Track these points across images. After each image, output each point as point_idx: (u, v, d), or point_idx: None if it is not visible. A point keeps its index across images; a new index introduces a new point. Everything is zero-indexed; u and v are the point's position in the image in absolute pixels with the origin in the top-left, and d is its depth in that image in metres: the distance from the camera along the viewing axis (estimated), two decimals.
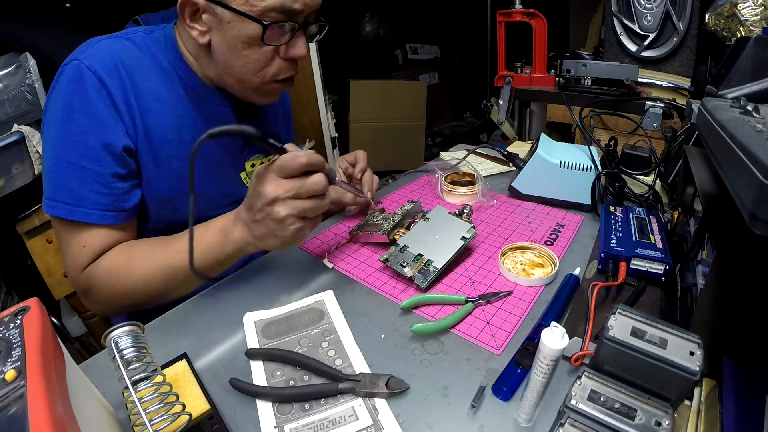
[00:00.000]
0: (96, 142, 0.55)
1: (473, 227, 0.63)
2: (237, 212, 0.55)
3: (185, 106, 0.63)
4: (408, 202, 0.72)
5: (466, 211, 0.69)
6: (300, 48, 0.59)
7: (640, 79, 0.98)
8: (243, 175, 0.74)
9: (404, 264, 0.59)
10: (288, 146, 0.51)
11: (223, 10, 0.53)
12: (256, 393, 0.44)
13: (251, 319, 0.54)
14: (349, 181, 0.78)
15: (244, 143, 0.73)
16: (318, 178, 0.50)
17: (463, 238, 0.62)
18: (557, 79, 1.12)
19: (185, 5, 0.55)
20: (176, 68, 0.62)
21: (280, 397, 0.43)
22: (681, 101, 0.93)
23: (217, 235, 0.56)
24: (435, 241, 0.62)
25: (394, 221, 0.66)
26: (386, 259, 0.60)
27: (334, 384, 0.43)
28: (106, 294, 0.58)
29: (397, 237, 0.65)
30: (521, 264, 0.61)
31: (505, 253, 0.63)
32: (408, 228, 0.66)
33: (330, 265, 0.65)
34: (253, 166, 0.75)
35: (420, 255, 0.60)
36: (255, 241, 0.53)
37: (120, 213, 0.58)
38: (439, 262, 0.59)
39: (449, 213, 0.67)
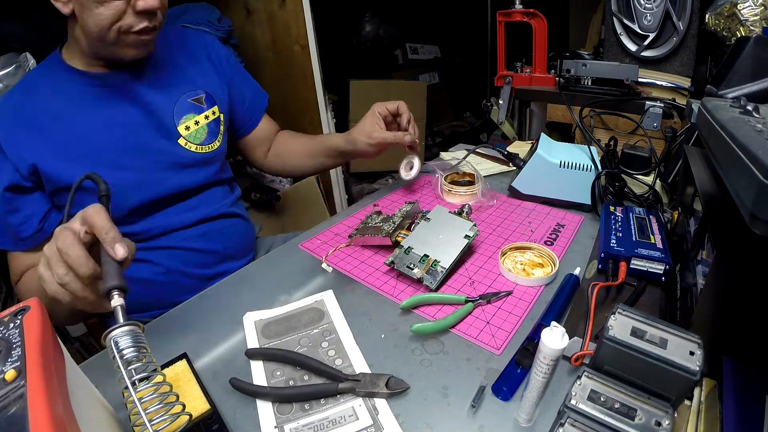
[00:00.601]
0: None
1: (475, 225, 0.63)
2: None
3: (86, 107, 0.66)
4: (406, 203, 0.72)
5: (465, 209, 0.69)
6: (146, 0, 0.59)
7: (640, 79, 0.97)
8: (182, 141, 0.73)
9: (411, 266, 0.59)
10: (93, 209, 0.42)
11: None
12: (256, 393, 0.44)
13: (251, 319, 0.54)
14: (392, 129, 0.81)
15: (171, 112, 0.72)
16: (76, 252, 0.41)
17: (467, 236, 0.62)
18: (557, 79, 1.12)
19: None
20: (66, 77, 0.66)
21: (280, 397, 0.43)
22: (681, 101, 0.93)
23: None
24: (439, 240, 0.62)
25: (394, 223, 0.66)
26: (392, 262, 0.60)
27: (334, 384, 0.43)
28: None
29: (399, 239, 0.64)
30: (521, 264, 0.61)
31: (505, 253, 0.63)
32: (409, 229, 0.66)
33: (329, 269, 0.64)
34: (187, 128, 0.74)
35: (426, 255, 0.60)
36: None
37: (23, 241, 0.65)
38: (446, 262, 0.59)
39: (449, 212, 0.67)
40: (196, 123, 0.75)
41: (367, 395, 0.43)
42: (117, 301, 0.38)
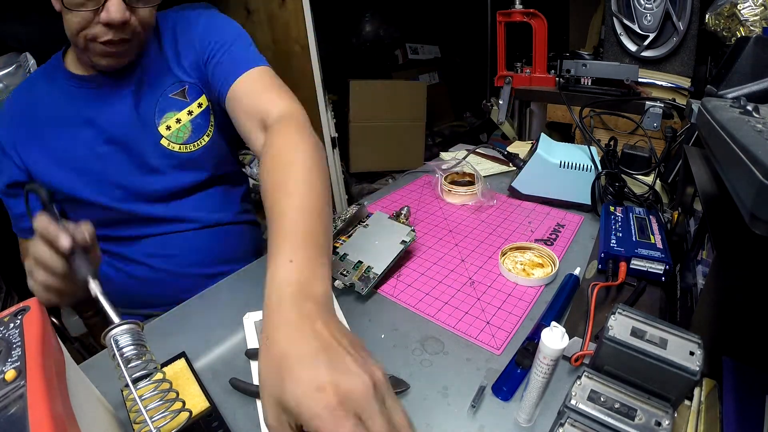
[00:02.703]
0: None
1: (413, 230, 0.63)
2: None
3: (77, 109, 0.66)
4: (354, 205, 0.70)
5: (404, 212, 0.69)
6: (111, 12, 0.56)
7: (640, 79, 0.97)
8: (164, 141, 0.69)
9: (345, 273, 0.59)
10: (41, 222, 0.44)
11: None
12: (256, 393, 0.44)
13: (251, 319, 0.54)
14: None
15: (153, 111, 0.68)
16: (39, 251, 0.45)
17: (403, 242, 0.62)
18: (557, 79, 1.12)
19: None
20: (63, 78, 0.67)
21: None
22: (681, 101, 0.93)
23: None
24: (375, 246, 0.62)
25: (335, 228, 0.66)
26: None
27: None
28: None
29: (337, 245, 0.64)
30: (521, 264, 0.61)
31: (505, 253, 0.63)
32: (349, 235, 0.66)
33: None
34: (168, 128, 0.69)
35: (360, 262, 0.60)
36: None
37: (26, 231, 0.72)
38: (379, 268, 0.59)
39: (388, 217, 0.67)
40: (178, 121, 0.69)
41: None
42: (94, 286, 0.41)
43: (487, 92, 1.32)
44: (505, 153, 0.93)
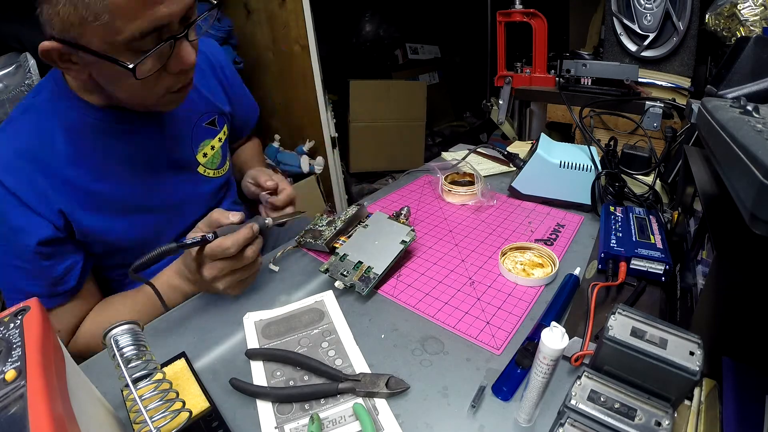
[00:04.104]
0: (14, 245, 0.55)
1: (412, 230, 0.63)
2: (181, 271, 0.58)
3: (105, 146, 0.60)
4: (353, 205, 0.71)
5: (404, 212, 0.69)
6: (185, 57, 0.52)
7: (640, 79, 0.97)
8: (201, 169, 0.72)
9: (345, 273, 0.59)
10: (214, 214, 0.55)
11: (84, 53, 0.47)
12: (256, 393, 0.44)
13: (251, 319, 0.54)
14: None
15: (185, 140, 0.69)
16: (249, 254, 0.54)
17: (403, 242, 0.61)
18: (557, 79, 1.12)
19: (49, 54, 0.48)
20: (79, 115, 0.58)
21: (280, 397, 0.43)
22: (681, 101, 0.93)
23: (168, 291, 0.59)
24: (375, 247, 0.62)
25: (335, 228, 0.66)
26: (327, 269, 0.60)
27: (334, 384, 0.43)
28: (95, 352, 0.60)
29: (337, 245, 0.64)
30: (521, 264, 0.61)
31: (505, 253, 0.63)
32: (349, 236, 0.66)
33: (276, 269, 0.64)
34: (205, 155, 0.72)
35: (360, 262, 0.60)
36: (206, 291, 0.60)
37: (64, 294, 0.59)
38: (379, 268, 0.58)
39: (388, 217, 0.67)
40: (212, 148, 0.73)
41: (367, 395, 0.43)
42: (270, 221, 0.59)
43: (487, 92, 1.32)
44: (505, 153, 0.93)
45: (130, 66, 0.47)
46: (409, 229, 0.63)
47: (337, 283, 0.58)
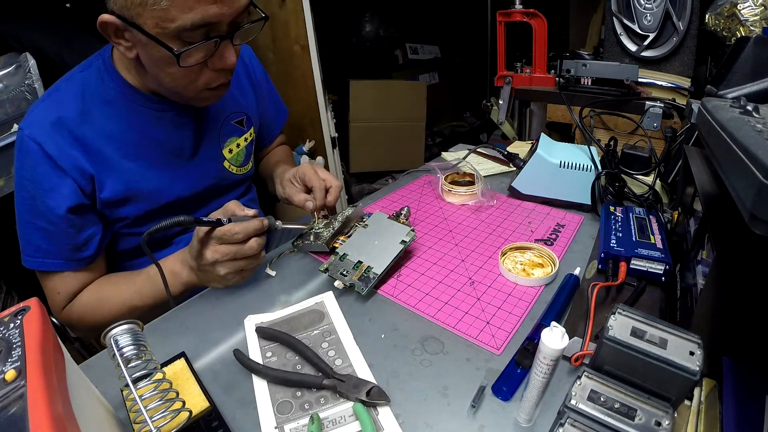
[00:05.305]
0: (43, 207, 0.59)
1: (413, 230, 0.63)
2: (183, 258, 0.60)
3: (140, 128, 0.64)
4: (349, 206, 0.71)
5: (404, 212, 0.68)
6: (227, 58, 0.56)
7: (640, 79, 0.97)
8: (226, 164, 0.76)
9: (345, 273, 0.59)
10: (231, 204, 0.57)
11: (138, 32, 0.51)
12: (257, 370, 0.46)
13: (252, 322, 0.54)
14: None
15: (213, 133, 0.73)
16: (252, 244, 0.55)
17: (403, 241, 0.61)
18: (557, 79, 1.12)
19: (105, 26, 0.52)
20: (120, 93, 0.62)
21: (273, 378, 0.45)
22: (681, 101, 0.93)
23: (169, 277, 0.59)
24: (374, 246, 0.62)
25: (334, 228, 0.66)
26: (326, 269, 0.60)
27: (319, 378, 0.44)
28: (84, 328, 0.67)
29: (337, 245, 0.64)
30: (521, 264, 0.61)
31: (505, 253, 0.63)
32: (348, 235, 0.66)
33: (273, 273, 0.64)
34: (231, 151, 0.76)
35: (360, 262, 0.60)
36: (202, 283, 0.60)
37: (81, 261, 0.63)
38: (378, 268, 0.58)
39: (388, 217, 0.66)
40: (238, 146, 0.78)
41: (345, 398, 0.43)
42: (279, 223, 0.59)
43: (487, 92, 1.32)
44: (505, 153, 0.93)
45: (177, 52, 0.51)
46: (409, 229, 0.63)
47: (337, 283, 0.58)
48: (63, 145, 0.58)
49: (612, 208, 0.64)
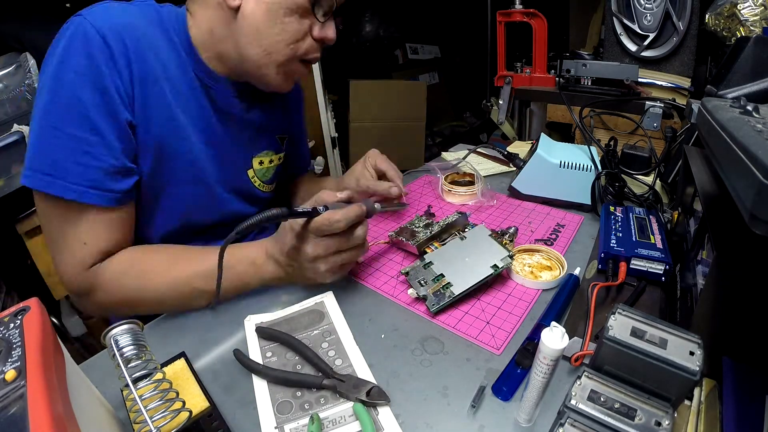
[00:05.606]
0: (92, 106, 0.48)
1: (510, 255, 0.56)
2: (269, 251, 0.54)
3: (190, 86, 0.59)
4: (455, 212, 0.67)
5: (510, 231, 0.65)
6: (329, 32, 0.57)
7: (640, 79, 0.98)
8: (251, 173, 0.71)
9: (423, 282, 0.56)
10: (323, 193, 0.52)
11: None
12: (257, 370, 0.46)
13: (252, 322, 0.54)
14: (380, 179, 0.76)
15: (253, 135, 0.69)
16: (360, 233, 0.51)
17: (495, 266, 0.55)
18: (557, 79, 1.12)
19: None
20: (185, 48, 0.58)
21: (273, 378, 0.45)
22: (681, 101, 0.93)
23: (249, 268, 0.55)
24: (464, 263, 0.57)
25: (431, 232, 0.64)
26: (407, 272, 0.58)
27: (319, 378, 0.44)
28: (111, 299, 0.53)
29: (428, 250, 0.62)
30: (529, 266, 0.61)
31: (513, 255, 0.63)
32: (444, 242, 0.63)
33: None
34: (261, 163, 0.72)
35: (442, 275, 0.56)
36: (287, 279, 0.55)
37: (105, 193, 0.50)
38: (458, 288, 0.54)
39: (489, 234, 0.60)
40: (270, 161, 0.74)
41: (344, 398, 0.43)
42: (378, 206, 0.56)
43: (487, 92, 1.32)
44: (505, 153, 0.93)
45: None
46: (506, 253, 0.56)
47: (410, 291, 0.55)
48: (125, 54, 0.50)
49: (612, 208, 0.64)
